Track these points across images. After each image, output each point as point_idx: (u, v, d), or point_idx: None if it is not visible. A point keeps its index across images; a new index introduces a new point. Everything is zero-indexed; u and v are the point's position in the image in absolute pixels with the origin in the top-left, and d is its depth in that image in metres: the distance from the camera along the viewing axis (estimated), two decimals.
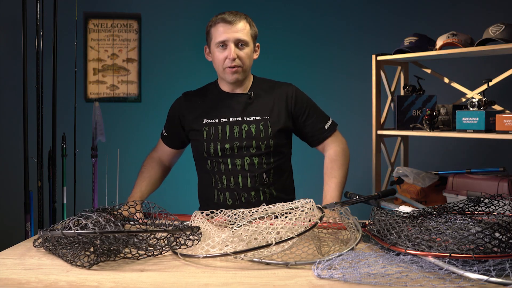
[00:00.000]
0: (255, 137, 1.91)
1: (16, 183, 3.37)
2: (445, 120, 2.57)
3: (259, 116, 1.93)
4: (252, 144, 1.90)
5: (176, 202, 3.01)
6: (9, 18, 3.45)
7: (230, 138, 1.91)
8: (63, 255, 1.30)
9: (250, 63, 1.94)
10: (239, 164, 1.90)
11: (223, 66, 1.89)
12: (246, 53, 1.89)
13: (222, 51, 1.88)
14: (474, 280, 1.09)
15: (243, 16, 1.90)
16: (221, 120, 1.93)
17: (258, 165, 1.91)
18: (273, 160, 1.93)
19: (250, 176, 1.90)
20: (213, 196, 1.95)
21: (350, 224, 1.46)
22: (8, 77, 3.45)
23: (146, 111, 3.59)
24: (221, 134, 1.92)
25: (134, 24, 3.54)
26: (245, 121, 1.93)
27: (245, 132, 1.91)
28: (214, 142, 1.92)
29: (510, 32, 2.28)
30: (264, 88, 2.00)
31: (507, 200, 1.49)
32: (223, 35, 1.86)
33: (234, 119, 1.93)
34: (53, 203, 2.67)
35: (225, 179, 1.92)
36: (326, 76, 3.52)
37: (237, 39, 1.86)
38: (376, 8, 3.51)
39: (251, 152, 1.90)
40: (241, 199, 1.90)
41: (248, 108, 1.95)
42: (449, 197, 2.40)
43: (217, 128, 1.93)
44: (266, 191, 1.92)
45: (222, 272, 1.22)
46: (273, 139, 1.92)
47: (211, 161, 1.93)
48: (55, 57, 2.67)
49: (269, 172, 1.93)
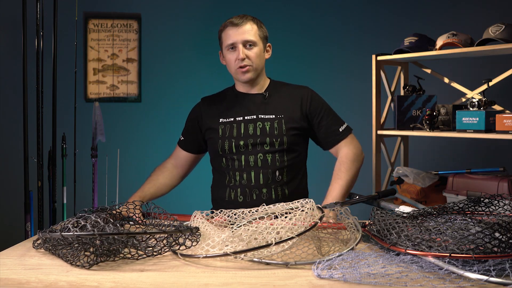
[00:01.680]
0: (269, 134, 1.94)
1: (16, 183, 3.37)
2: (445, 120, 2.56)
3: (274, 114, 1.97)
4: (266, 140, 1.94)
5: (176, 202, 3.02)
6: (9, 18, 3.45)
7: (244, 135, 1.95)
8: (63, 255, 1.31)
9: (261, 62, 1.99)
10: (252, 160, 1.93)
11: (235, 67, 1.96)
12: (255, 52, 1.95)
13: (232, 53, 1.96)
14: (474, 280, 1.09)
15: (249, 18, 1.98)
16: (236, 119, 1.98)
17: (272, 162, 1.93)
18: (287, 159, 1.95)
19: (263, 172, 1.92)
20: (225, 195, 1.97)
21: (350, 224, 1.46)
22: (8, 77, 3.45)
23: (146, 111, 3.59)
24: (236, 131, 1.96)
25: (134, 24, 3.54)
26: (260, 119, 1.97)
27: (259, 129, 1.95)
28: (229, 139, 1.96)
29: (510, 32, 2.28)
30: (279, 90, 2.05)
31: (507, 200, 1.49)
32: (231, 38, 1.94)
33: (249, 117, 1.98)
34: (53, 203, 2.67)
35: (238, 175, 1.94)
36: (326, 76, 3.52)
37: (244, 40, 1.93)
38: (376, 8, 3.51)
39: (264, 149, 1.94)
40: (253, 196, 1.91)
41: (263, 107, 1.99)
42: (449, 197, 2.40)
43: (232, 126, 1.98)
44: (278, 190, 1.93)
45: (222, 272, 1.22)
46: (287, 137, 1.94)
47: (226, 158, 1.97)
48: (55, 57, 2.67)
49: (282, 170, 1.94)
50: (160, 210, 1.62)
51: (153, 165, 3.58)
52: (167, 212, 1.61)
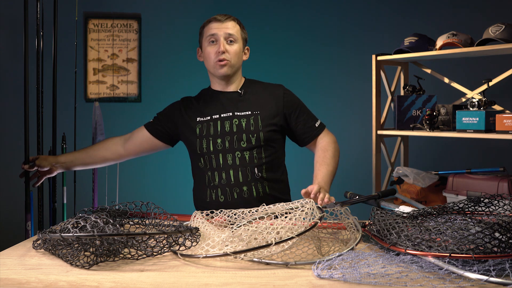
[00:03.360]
0: (245, 131, 1.94)
1: (16, 183, 3.37)
2: (445, 120, 2.57)
3: (250, 111, 1.98)
4: (242, 137, 1.94)
5: (176, 202, 3.02)
6: (9, 18, 3.45)
7: (221, 133, 1.95)
8: (63, 256, 1.31)
9: (239, 60, 2.01)
10: (230, 159, 1.93)
11: (213, 61, 1.97)
12: (235, 49, 1.98)
13: (212, 46, 1.97)
14: (474, 280, 1.09)
15: (233, 17, 2.02)
16: (213, 117, 1.99)
17: (250, 159, 1.93)
18: (265, 156, 1.95)
19: (241, 170, 1.91)
20: (206, 196, 1.96)
21: (350, 224, 1.46)
22: (8, 77, 3.45)
23: (146, 111, 3.57)
24: (213, 130, 1.96)
25: (134, 24, 3.54)
26: (236, 116, 1.97)
27: (235, 126, 1.96)
28: (207, 138, 1.96)
29: (510, 32, 2.28)
30: (255, 87, 2.06)
31: (507, 200, 1.49)
32: (214, 30, 1.97)
33: (225, 115, 1.98)
34: (53, 203, 2.67)
35: (217, 175, 1.93)
36: (326, 76, 3.52)
37: (227, 34, 1.96)
38: (376, 8, 3.51)
39: (242, 146, 1.93)
40: (233, 195, 1.90)
41: (239, 104, 2.00)
42: (449, 197, 2.40)
43: (209, 124, 1.98)
44: (259, 187, 1.92)
45: (222, 272, 1.22)
46: (263, 133, 1.94)
47: (204, 158, 1.96)
48: (55, 57, 2.67)
49: (261, 168, 1.94)
50: (160, 210, 1.62)
51: (153, 165, 3.58)
52: (167, 212, 1.61)
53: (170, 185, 3.46)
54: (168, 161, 3.43)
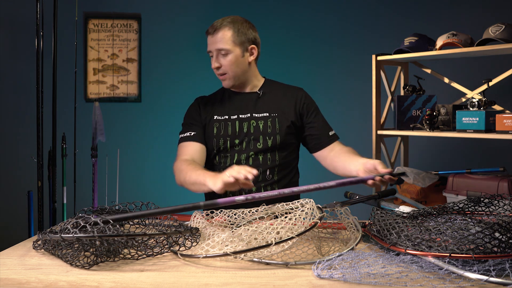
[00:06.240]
0: (263, 133, 1.95)
1: (16, 183, 3.37)
2: (445, 120, 2.57)
3: (268, 113, 1.98)
4: (259, 139, 1.95)
5: (176, 202, 3.01)
6: (9, 18, 3.45)
7: (239, 133, 1.96)
8: (62, 256, 1.30)
9: (239, 68, 1.95)
10: (244, 159, 1.94)
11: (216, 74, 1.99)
12: (229, 60, 1.93)
13: (211, 61, 1.98)
14: (474, 280, 1.09)
15: (226, 23, 1.93)
16: (231, 117, 1.99)
17: (263, 161, 1.94)
18: (278, 158, 1.96)
19: None
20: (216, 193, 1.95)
21: (350, 224, 1.46)
22: (8, 77, 3.45)
23: (146, 111, 3.59)
24: (230, 129, 1.97)
25: (134, 24, 3.54)
26: (253, 117, 1.98)
27: (253, 127, 1.96)
28: (224, 138, 1.97)
29: (510, 32, 2.28)
30: (273, 89, 2.05)
31: (507, 200, 1.48)
32: (208, 46, 1.97)
33: (243, 116, 1.98)
34: (53, 203, 2.67)
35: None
36: (326, 76, 3.52)
37: (217, 49, 1.94)
38: (376, 8, 3.51)
39: (257, 148, 1.94)
40: (242, 194, 1.90)
41: (257, 105, 2.00)
42: (449, 197, 2.40)
43: (227, 124, 1.98)
44: (268, 188, 1.93)
45: (222, 272, 1.22)
46: (280, 136, 1.95)
47: (219, 156, 1.98)
48: (55, 57, 2.67)
49: (273, 170, 1.94)
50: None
51: (153, 165, 3.58)
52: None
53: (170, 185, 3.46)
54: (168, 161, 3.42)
